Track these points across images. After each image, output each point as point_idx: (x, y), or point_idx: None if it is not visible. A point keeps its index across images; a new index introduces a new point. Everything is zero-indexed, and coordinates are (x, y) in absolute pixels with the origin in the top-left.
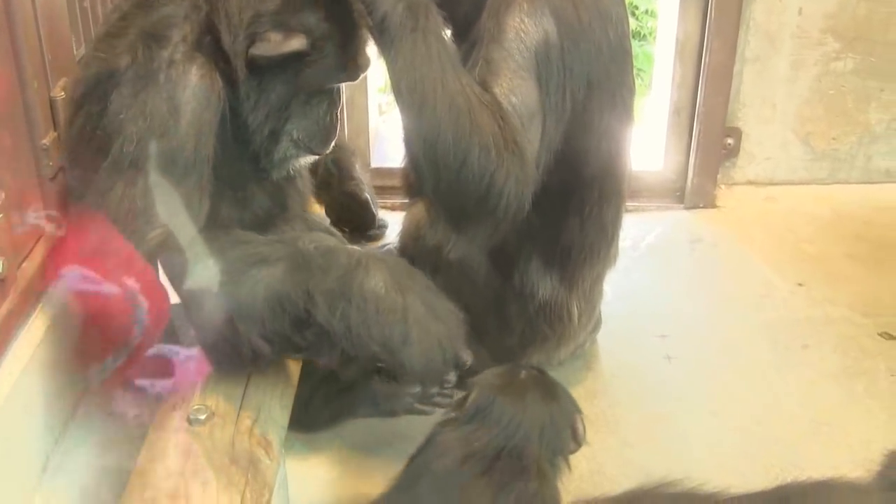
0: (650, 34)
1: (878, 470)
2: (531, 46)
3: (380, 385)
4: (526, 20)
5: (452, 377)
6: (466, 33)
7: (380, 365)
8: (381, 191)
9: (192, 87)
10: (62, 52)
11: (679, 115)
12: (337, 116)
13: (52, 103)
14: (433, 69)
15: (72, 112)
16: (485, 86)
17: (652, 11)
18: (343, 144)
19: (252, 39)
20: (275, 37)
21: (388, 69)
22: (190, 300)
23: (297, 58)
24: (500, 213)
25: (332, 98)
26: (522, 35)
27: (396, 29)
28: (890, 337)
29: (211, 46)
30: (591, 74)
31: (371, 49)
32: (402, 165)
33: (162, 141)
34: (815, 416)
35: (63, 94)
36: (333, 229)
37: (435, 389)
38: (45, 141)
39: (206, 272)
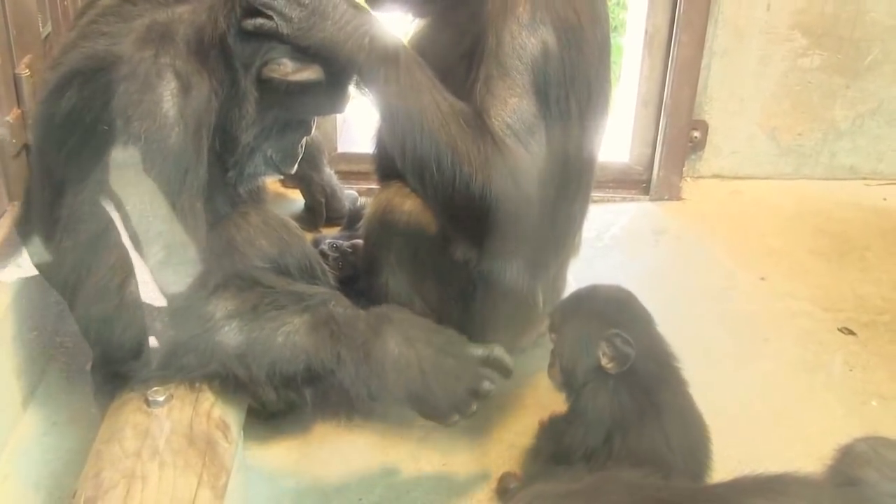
0: (621, 26)
1: (831, 464)
2: (527, 62)
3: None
4: (523, 33)
5: (474, 406)
6: (469, 21)
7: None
8: (348, 176)
9: (202, 98)
10: (27, 30)
11: (646, 107)
12: (305, 142)
13: (16, 80)
14: (413, 110)
15: (57, 83)
16: (483, 105)
17: (622, 3)
18: (311, 138)
19: (266, 62)
20: (290, 64)
21: (376, 112)
22: (201, 330)
23: (304, 86)
24: (497, 224)
25: (308, 125)
26: (519, 50)
27: (373, 79)
28: (849, 332)
29: (217, 60)
30: (590, 77)
31: None
32: (372, 151)
33: (169, 143)
34: (774, 408)
35: (28, 71)
36: (292, 223)
37: (456, 418)
38: (9, 118)
39: (220, 306)
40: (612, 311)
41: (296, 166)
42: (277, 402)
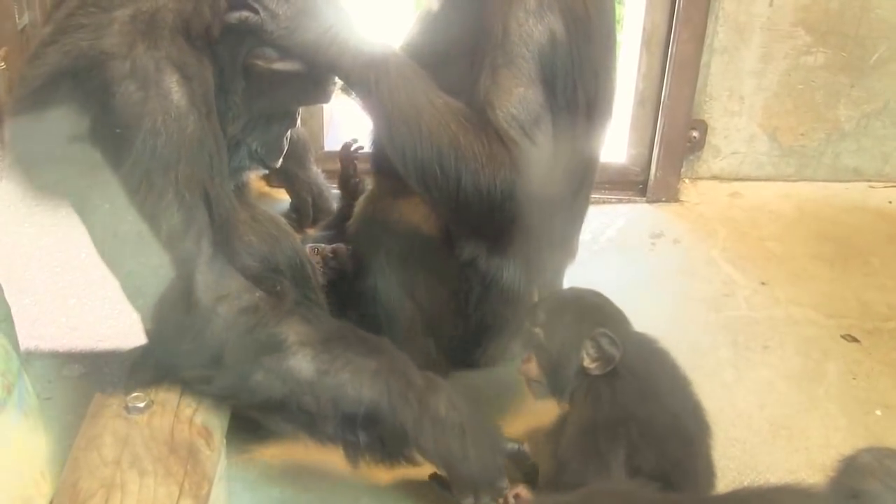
0: (618, 22)
1: (834, 476)
2: (534, 50)
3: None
4: (530, 21)
5: (504, 483)
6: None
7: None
8: (335, 175)
9: (205, 84)
10: (4, 21)
11: (644, 106)
12: (290, 135)
13: None
14: (409, 113)
15: (42, 85)
16: (487, 97)
17: None
18: (297, 135)
19: (251, 51)
20: (276, 53)
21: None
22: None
23: (290, 76)
24: (506, 220)
25: (293, 117)
26: (526, 38)
27: (362, 86)
28: (853, 339)
29: (203, 51)
30: (598, 68)
31: None
32: (369, 148)
33: (188, 132)
34: (774, 418)
35: (3, 64)
36: (281, 219)
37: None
38: None
39: (292, 329)
40: (597, 310)
41: (280, 160)
42: (330, 440)
